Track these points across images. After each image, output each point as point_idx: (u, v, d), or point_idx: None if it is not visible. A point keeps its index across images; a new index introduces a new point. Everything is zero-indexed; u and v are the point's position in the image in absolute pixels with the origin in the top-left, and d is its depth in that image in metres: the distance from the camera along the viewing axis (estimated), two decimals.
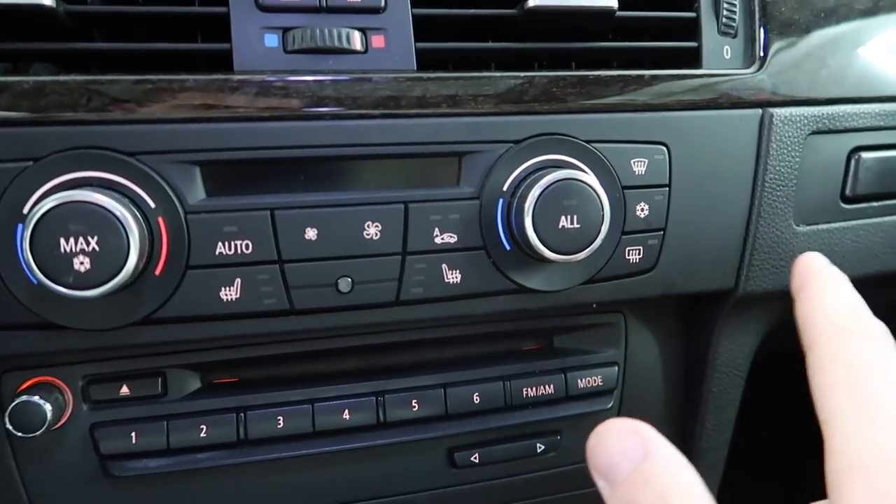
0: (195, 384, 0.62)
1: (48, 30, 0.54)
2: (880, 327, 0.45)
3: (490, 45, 0.61)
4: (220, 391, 0.62)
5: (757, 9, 0.67)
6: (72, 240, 0.48)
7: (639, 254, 0.63)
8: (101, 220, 0.48)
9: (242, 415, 0.61)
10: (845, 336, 0.44)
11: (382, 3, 0.57)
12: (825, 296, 0.49)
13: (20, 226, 0.50)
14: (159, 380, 0.61)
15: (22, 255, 0.50)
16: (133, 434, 0.59)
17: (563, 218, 0.56)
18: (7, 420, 0.55)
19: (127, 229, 0.48)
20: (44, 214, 0.47)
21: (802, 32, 0.68)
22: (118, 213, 0.48)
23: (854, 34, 0.70)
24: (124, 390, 0.60)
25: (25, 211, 0.50)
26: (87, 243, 0.48)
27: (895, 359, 0.42)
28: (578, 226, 0.56)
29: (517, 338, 0.71)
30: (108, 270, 0.48)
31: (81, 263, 0.48)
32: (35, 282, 0.50)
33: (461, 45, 0.60)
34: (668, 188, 0.63)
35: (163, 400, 0.61)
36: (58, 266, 0.48)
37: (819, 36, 0.69)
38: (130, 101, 0.52)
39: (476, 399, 0.65)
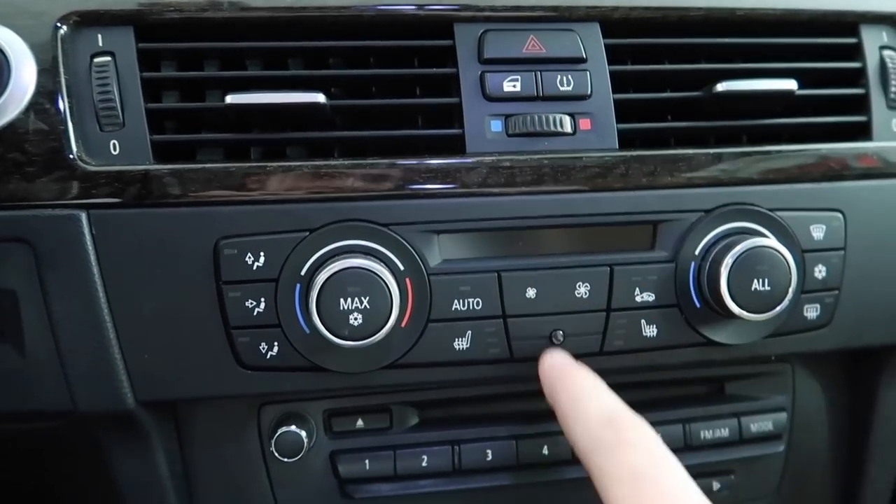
0: (414, 419, 0.71)
1: (306, 120, 0.64)
2: (638, 430, 0.51)
3: (686, 123, 0.68)
4: (436, 426, 0.71)
5: None
6: (350, 299, 0.57)
7: (816, 311, 0.69)
8: (372, 283, 0.57)
9: (457, 447, 0.69)
10: (609, 453, 0.49)
11: (589, 91, 0.66)
12: (579, 406, 0.54)
13: (298, 285, 0.60)
14: (387, 415, 0.70)
15: (300, 309, 0.60)
16: (367, 461, 0.68)
17: (755, 281, 0.62)
18: (273, 446, 0.65)
19: (391, 290, 0.58)
20: (328, 278, 0.57)
21: None
22: (385, 277, 0.58)
23: None
24: (359, 423, 0.70)
25: (303, 273, 0.60)
26: (361, 302, 0.57)
27: (661, 458, 0.49)
28: (769, 288, 0.63)
29: (690, 384, 0.77)
30: (376, 324, 0.58)
31: (356, 319, 0.58)
32: (308, 332, 0.60)
33: (660, 125, 0.68)
34: (843, 251, 0.69)
35: (389, 432, 0.70)
36: (338, 321, 0.57)
37: None
38: (385, 181, 0.62)
39: None
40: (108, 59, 0.60)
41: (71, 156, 0.58)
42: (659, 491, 0.47)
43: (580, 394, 0.56)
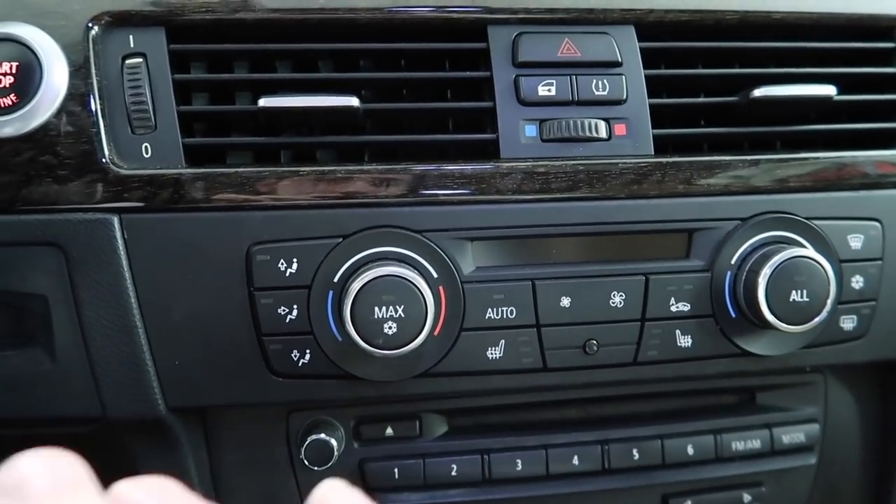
0: (443, 428, 0.71)
1: (336, 124, 0.63)
2: None
3: (722, 129, 0.67)
4: (465, 434, 0.70)
5: None
6: (384, 308, 0.56)
7: (852, 322, 0.68)
8: (407, 291, 0.57)
9: (486, 456, 0.68)
10: None
11: (624, 95, 0.64)
12: None
13: (331, 292, 0.59)
14: (416, 423, 0.69)
15: (332, 317, 0.59)
16: (395, 470, 0.67)
17: (793, 292, 0.61)
18: (303, 454, 0.64)
19: (426, 298, 0.57)
20: (363, 286, 0.56)
21: None
22: (420, 286, 0.57)
23: None
24: (389, 431, 0.69)
25: (336, 280, 0.59)
26: (395, 311, 0.57)
27: None
28: (808, 300, 0.62)
29: (720, 393, 0.76)
30: (410, 334, 0.57)
31: (390, 328, 0.57)
32: (340, 339, 0.59)
33: (696, 130, 0.67)
34: (881, 261, 0.68)
35: (419, 441, 0.69)
36: (372, 330, 0.56)
37: None
38: (419, 186, 0.61)
39: (690, 450, 0.71)
40: (140, 60, 0.60)
41: (103, 159, 0.58)
42: None
43: None
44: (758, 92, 0.65)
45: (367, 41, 0.64)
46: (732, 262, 0.64)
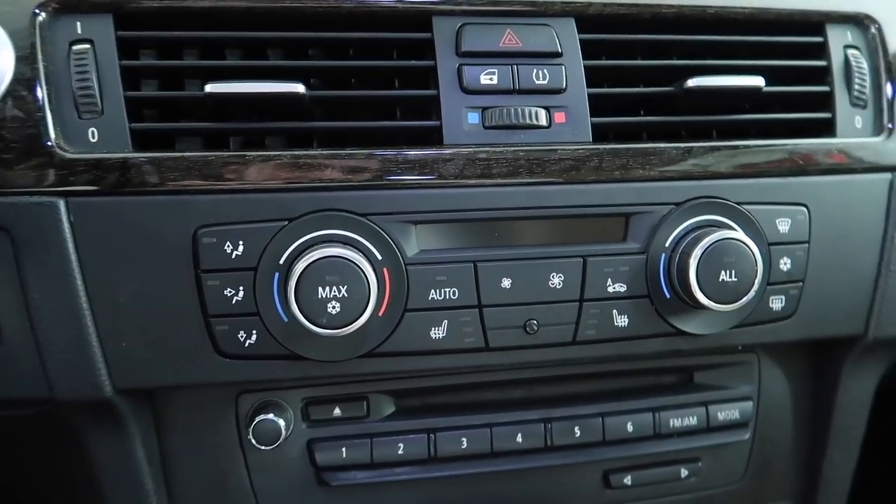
0: (391, 408, 0.72)
1: (285, 110, 0.65)
2: None
3: (657, 118, 0.70)
4: (412, 414, 0.72)
5: (885, 83, 0.75)
6: (328, 288, 0.58)
7: (781, 302, 0.71)
8: (350, 272, 0.58)
9: (433, 435, 0.70)
10: None
11: (564, 85, 0.67)
12: None
13: (277, 274, 0.61)
14: (364, 403, 0.71)
15: (278, 298, 0.61)
16: (343, 449, 0.69)
17: (722, 272, 0.64)
18: (251, 434, 0.66)
19: (369, 279, 0.59)
20: (307, 267, 0.58)
21: None
22: (363, 267, 0.59)
23: None
24: (336, 411, 0.70)
25: (281, 262, 0.61)
26: (339, 291, 0.58)
27: None
28: (736, 280, 0.65)
29: (660, 374, 0.79)
30: (354, 313, 0.59)
31: (333, 307, 0.58)
32: (286, 320, 0.61)
33: (632, 119, 0.69)
34: (807, 244, 0.71)
35: (366, 420, 0.71)
36: (316, 309, 0.58)
37: None
38: (363, 171, 0.63)
39: (629, 427, 0.74)
40: (88, 46, 0.60)
41: (49, 143, 0.58)
42: None
43: None
44: (691, 82, 0.68)
45: (315, 30, 0.65)
46: (667, 244, 0.67)
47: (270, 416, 0.66)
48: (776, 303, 0.71)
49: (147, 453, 0.67)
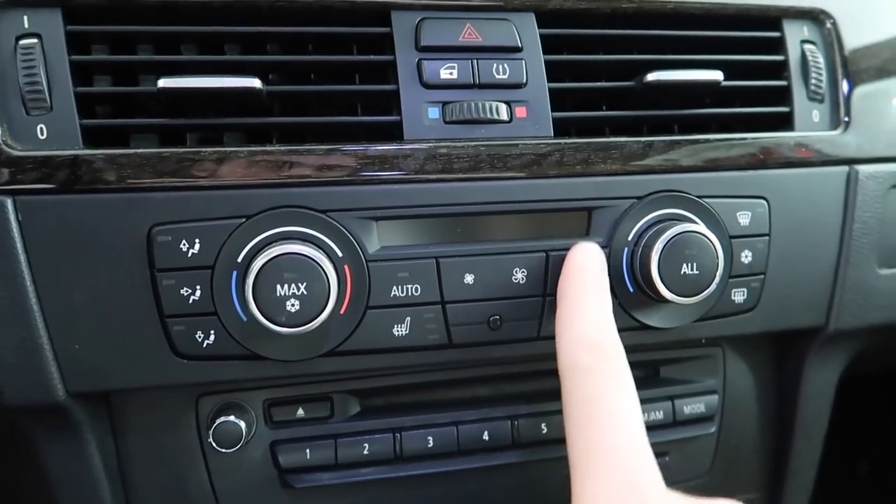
0: (356, 408, 0.71)
1: (243, 106, 0.64)
2: (614, 364, 0.56)
3: (618, 113, 0.70)
4: (377, 413, 0.71)
5: (841, 77, 0.76)
6: (286, 286, 0.57)
7: (743, 295, 0.71)
8: (308, 269, 0.57)
9: (398, 434, 0.69)
10: (580, 376, 0.55)
11: (524, 79, 0.67)
12: (575, 321, 0.58)
13: (235, 272, 0.60)
14: (328, 403, 0.70)
15: (236, 296, 0.60)
16: (307, 451, 0.68)
17: (684, 265, 0.64)
18: (211, 437, 0.64)
19: (328, 276, 0.58)
20: (265, 264, 0.57)
21: (882, 98, 0.76)
22: (322, 263, 0.58)
23: None
24: (300, 412, 0.69)
25: (239, 260, 0.60)
26: (298, 288, 0.57)
27: (622, 390, 0.55)
28: (697, 272, 0.65)
29: None
30: (313, 311, 0.58)
31: (293, 305, 0.57)
32: (245, 319, 0.60)
33: (593, 113, 0.69)
34: (768, 237, 0.71)
35: (330, 421, 0.70)
36: (274, 307, 0.57)
37: None
38: (323, 167, 0.62)
39: None
40: (35, 41, 0.59)
41: None
42: (608, 420, 0.53)
43: (582, 307, 0.59)
44: (651, 76, 0.68)
45: (273, 25, 0.64)
46: (629, 238, 0.67)
47: (231, 418, 0.65)
48: (738, 295, 0.71)
49: (104, 458, 0.65)
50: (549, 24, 0.69)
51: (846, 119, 0.75)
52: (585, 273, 0.62)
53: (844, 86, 0.76)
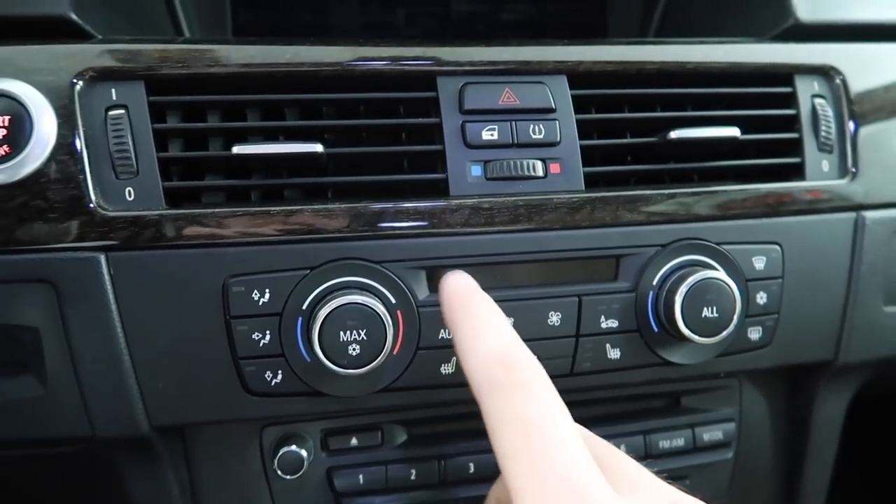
0: (403, 436, 0.78)
1: (304, 165, 0.70)
2: (528, 370, 0.52)
3: (643, 167, 0.76)
4: (423, 442, 0.78)
5: (848, 130, 0.82)
6: (349, 332, 0.64)
7: (758, 333, 0.78)
8: (369, 318, 0.64)
9: (443, 462, 0.76)
10: (498, 393, 0.51)
11: (558, 138, 0.73)
12: (477, 340, 0.54)
13: (300, 318, 0.66)
14: (379, 433, 0.76)
15: (301, 340, 0.66)
16: (360, 476, 0.75)
17: (705, 309, 0.71)
18: (276, 464, 0.71)
19: (385, 323, 0.64)
20: (329, 313, 0.63)
21: (888, 148, 0.83)
22: (380, 313, 0.64)
23: None
24: (353, 441, 0.76)
25: (304, 307, 0.66)
26: (359, 335, 0.64)
27: (546, 403, 0.51)
28: (717, 315, 0.71)
29: (650, 399, 0.85)
30: (372, 354, 0.64)
31: (353, 350, 0.64)
32: (308, 360, 0.66)
33: (620, 168, 0.76)
34: (781, 279, 0.78)
35: (381, 449, 0.76)
36: (337, 352, 0.63)
37: None
38: (378, 222, 0.68)
39: (622, 449, 0.79)
40: (122, 111, 0.66)
41: (90, 204, 0.63)
42: (542, 436, 0.48)
43: (479, 327, 0.56)
44: (673, 134, 0.75)
45: (329, 92, 0.71)
46: (654, 283, 0.73)
47: (294, 447, 0.72)
48: (754, 333, 0.77)
49: (180, 485, 0.72)
50: (580, 85, 0.75)
51: (853, 169, 0.81)
52: (468, 293, 0.61)
53: (852, 136, 0.82)
